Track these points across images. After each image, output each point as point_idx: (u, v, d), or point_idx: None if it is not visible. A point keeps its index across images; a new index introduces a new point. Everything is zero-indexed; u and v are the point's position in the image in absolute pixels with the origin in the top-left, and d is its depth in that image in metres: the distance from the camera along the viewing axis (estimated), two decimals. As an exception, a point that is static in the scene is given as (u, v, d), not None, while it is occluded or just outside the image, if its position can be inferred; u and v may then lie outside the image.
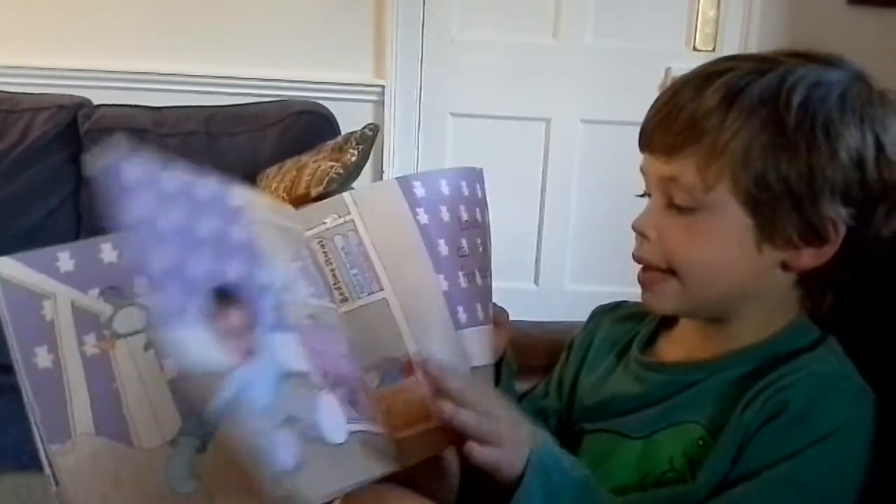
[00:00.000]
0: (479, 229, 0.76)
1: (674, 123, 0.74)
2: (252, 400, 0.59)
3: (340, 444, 0.63)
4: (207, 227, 0.63)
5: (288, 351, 0.64)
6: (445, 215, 0.74)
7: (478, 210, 0.77)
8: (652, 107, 0.78)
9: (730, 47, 2.65)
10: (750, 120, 0.72)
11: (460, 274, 0.73)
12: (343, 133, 2.50)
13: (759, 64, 0.75)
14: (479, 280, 0.75)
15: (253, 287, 0.64)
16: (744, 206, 0.73)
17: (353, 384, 0.67)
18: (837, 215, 0.73)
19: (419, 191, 0.73)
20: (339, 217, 0.72)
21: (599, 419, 0.84)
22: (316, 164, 2.29)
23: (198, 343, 0.57)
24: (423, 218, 0.72)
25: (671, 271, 0.76)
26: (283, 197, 2.22)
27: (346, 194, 0.73)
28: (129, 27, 2.71)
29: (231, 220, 0.65)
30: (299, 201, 2.19)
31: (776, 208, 0.73)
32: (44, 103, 2.56)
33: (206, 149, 2.52)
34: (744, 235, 0.74)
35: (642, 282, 0.79)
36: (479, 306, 0.74)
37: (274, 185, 2.31)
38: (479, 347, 0.74)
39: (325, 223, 0.72)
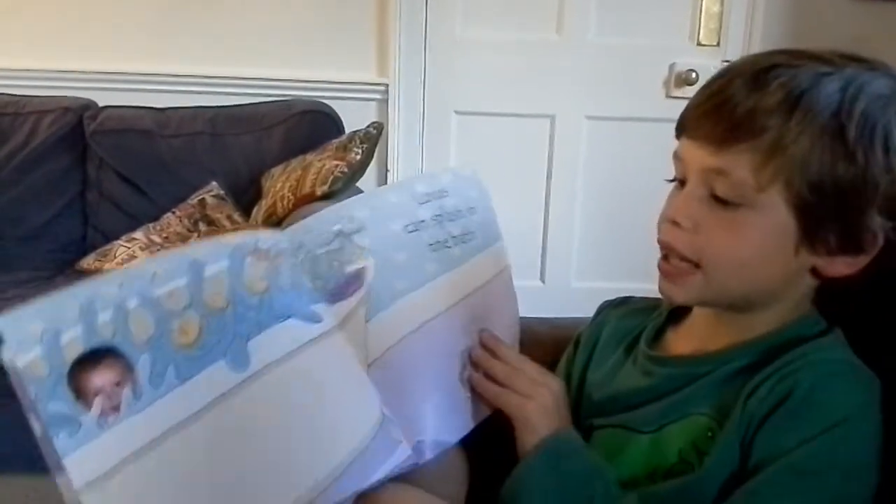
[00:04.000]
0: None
1: (728, 115, 0.72)
2: None
3: None
4: None
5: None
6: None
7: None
8: (698, 94, 0.76)
9: (734, 42, 2.65)
10: (812, 124, 0.70)
11: None
12: (347, 132, 2.50)
13: (818, 65, 0.73)
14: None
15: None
16: (792, 209, 0.72)
17: None
18: (879, 227, 0.73)
19: None
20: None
21: (608, 414, 0.84)
22: (321, 164, 2.29)
23: None
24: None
25: (696, 263, 0.75)
26: (288, 196, 2.23)
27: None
28: (133, 29, 2.72)
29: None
30: (305, 200, 2.19)
31: (823, 215, 0.72)
32: (49, 106, 2.57)
33: (210, 149, 2.52)
34: (785, 237, 0.73)
35: (664, 271, 0.78)
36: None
37: (279, 185, 2.32)
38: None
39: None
